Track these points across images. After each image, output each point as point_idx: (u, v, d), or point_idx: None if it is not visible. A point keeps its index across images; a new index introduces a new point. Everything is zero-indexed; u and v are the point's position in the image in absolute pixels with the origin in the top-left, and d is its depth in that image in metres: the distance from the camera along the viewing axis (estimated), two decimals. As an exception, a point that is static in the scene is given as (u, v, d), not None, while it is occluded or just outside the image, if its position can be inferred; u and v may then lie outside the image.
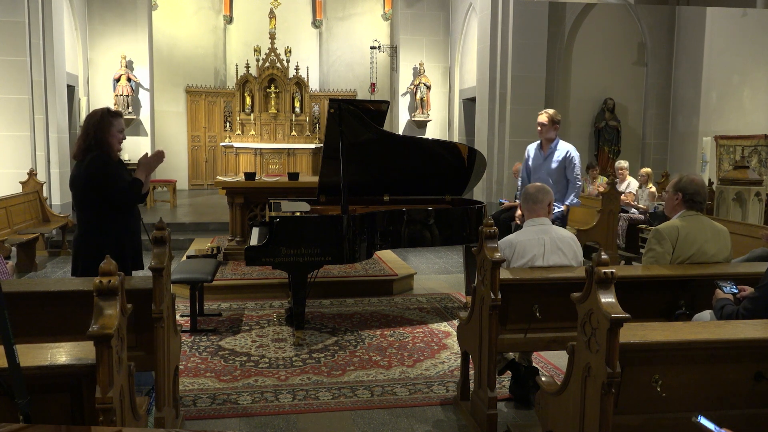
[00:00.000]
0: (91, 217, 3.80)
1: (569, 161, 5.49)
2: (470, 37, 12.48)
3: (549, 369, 4.45)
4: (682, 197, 3.66)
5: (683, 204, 3.67)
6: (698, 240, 3.62)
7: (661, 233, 3.64)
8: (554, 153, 5.54)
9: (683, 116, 11.54)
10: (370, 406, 3.83)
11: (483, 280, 3.45)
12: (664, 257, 3.60)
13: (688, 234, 3.61)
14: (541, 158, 5.60)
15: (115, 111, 3.95)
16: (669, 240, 3.59)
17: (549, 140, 5.56)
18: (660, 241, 3.61)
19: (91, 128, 3.79)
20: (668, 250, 3.59)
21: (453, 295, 6.53)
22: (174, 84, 14.27)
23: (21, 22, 9.10)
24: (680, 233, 3.60)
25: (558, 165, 5.50)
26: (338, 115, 5.14)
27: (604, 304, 2.33)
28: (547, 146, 5.58)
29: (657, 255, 3.62)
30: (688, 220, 3.64)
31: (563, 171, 5.52)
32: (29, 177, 8.60)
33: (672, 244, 3.59)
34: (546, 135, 5.55)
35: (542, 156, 5.61)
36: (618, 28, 11.78)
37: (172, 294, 3.31)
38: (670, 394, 2.48)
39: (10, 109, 9.15)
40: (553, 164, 5.51)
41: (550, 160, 5.54)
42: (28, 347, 2.34)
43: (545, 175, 5.49)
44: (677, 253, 3.60)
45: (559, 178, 5.51)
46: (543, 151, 5.62)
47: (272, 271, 6.15)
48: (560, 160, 5.50)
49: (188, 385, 4.10)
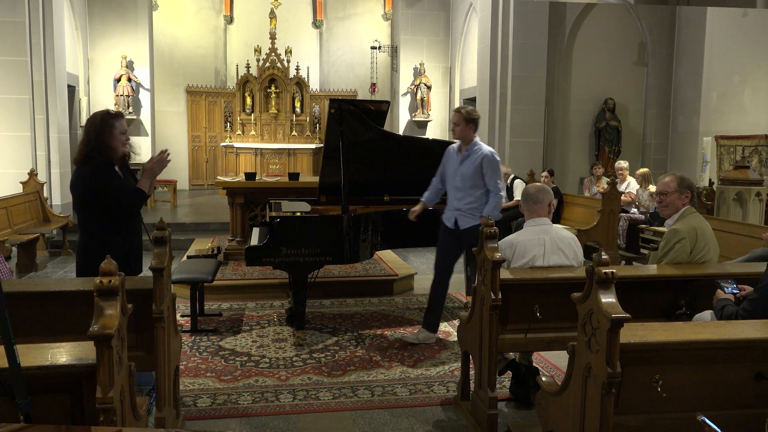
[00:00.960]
0: (93, 223, 3.73)
1: (487, 166, 4.74)
2: (471, 37, 12.49)
3: (549, 369, 4.45)
4: (692, 193, 3.65)
5: (688, 200, 3.64)
6: (707, 238, 3.63)
7: (681, 233, 3.58)
8: (471, 156, 4.80)
9: (684, 116, 11.54)
10: (370, 406, 3.84)
11: (483, 280, 3.45)
12: (682, 257, 3.58)
13: (702, 233, 3.61)
14: (458, 161, 4.87)
15: (115, 112, 3.86)
16: (689, 239, 3.57)
17: (467, 141, 4.84)
18: (681, 240, 3.57)
19: (91, 133, 3.69)
20: (687, 250, 3.57)
21: (453, 295, 6.52)
22: (174, 84, 14.28)
23: (21, 22, 9.10)
24: (698, 233, 3.59)
25: (474, 171, 4.76)
26: (339, 115, 5.14)
27: (604, 304, 2.33)
28: (465, 148, 4.86)
29: (676, 255, 3.59)
30: (694, 218, 3.64)
31: (481, 177, 4.78)
32: (30, 177, 8.60)
33: (691, 245, 3.57)
34: (460, 135, 4.84)
35: (459, 159, 4.87)
36: (618, 28, 11.78)
37: (173, 294, 3.31)
38: (671, 394, 2.48)
39: (10, 109, 9.15)
40: (469, 169, 4.78)
41: (467, 165, 4.80)
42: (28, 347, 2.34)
43: (460, 181, 4.81)
44: (694, 253, 3.58)
45: (477, 184, 4.79)
46: (460, 154, 4.88)
47: (273, 271, 6.15)
48: (477, 165, 4.77)
49: (189, 385, 4.10)
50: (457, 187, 4.85)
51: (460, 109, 4.90)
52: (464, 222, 4.81)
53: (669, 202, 3.69)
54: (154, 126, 12.96)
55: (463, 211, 4.81)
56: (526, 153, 10.60)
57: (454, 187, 4.88)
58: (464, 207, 4.81)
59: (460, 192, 4.83)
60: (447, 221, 4.93)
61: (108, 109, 4.11)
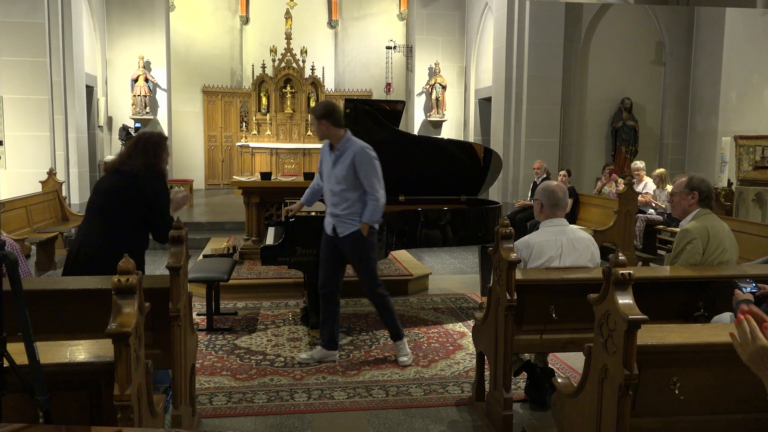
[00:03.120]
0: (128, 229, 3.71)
1: (359, 164, 4.25)
2: (486, 36, 12.44)
3: (565, 370, 4.43)
4: (699, 196, 3.62)
5: (698, 203, 3.63)
6: (721, 238, 3.59)
7: (692, 233, 3.56)
8: (343, 155, 4.33)
9: (702, 116, 11.41)
10: (385, 406, 3.84)
11: (499, 280, 3.44)
12: (695, 257, 3.55)
13: (715, 233, 3.57)
14: (331, 162, 4.39)
15: (166, 137, 4.08)
16: (700, 240, 3.54)
17: (336, 139, 4.36)
18: (692, 240, 3.55)
19: (150, 149, 3.78)
20: (699, 250, 3.54)
21: (468, 296, 6.51)
22: (191, 84, 14.37)
23: (41, 23, 9.21)
24: (710, 233, 3.56)
25: (347, 171, 4.28)
26: (354, 115, 5.15)
27: (621, 305, 2.32)
28: (336, 147, 4.39)
29: (688, 256, 3.56)
30: (708, 219, 3.60)
31: (356, 178, 4.30)
32: (49, 176, 8.70)
33: (703, 245, 3.54)
34: (321, 135, 4.41)
35: (332, 159, 4.39)
36: (636, 27, 11.68)
37: (189, 293, 3.34)
38: (689, 396, 2.45)
39: (30, 109, 9.27)
40: (342, 170, 4.31)
41: (339, 166, 4.33)
42: (47, 345, 2.37)
43: (335, 184, 4.35)
44: (707, 254, 3.55)
45: (352, 186, 4.31)
46: (333, 153, 4.41)
47: (288, 271, 6.16)
48: (348, 165, 4.27)
49: (204, 383, 4.13)
50: (332, 191, 4.39)
51: (316, 106, 4.48)
52: (343, 229, 4.38)
53: (676, 203, 3.73)
54: (171, 126, 13.06)
55: (341, 217, 4.38)
56: (542, 153, 10.53)
57: (330, 191, 4.42)
58: (341, 213, 4.37)
59: (336, 197, 4.38)
60: (326, 227, 4.51)
61: (162, 133, 4.20)
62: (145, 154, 3.78)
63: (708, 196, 3.62)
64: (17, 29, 9.12)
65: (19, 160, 9.23)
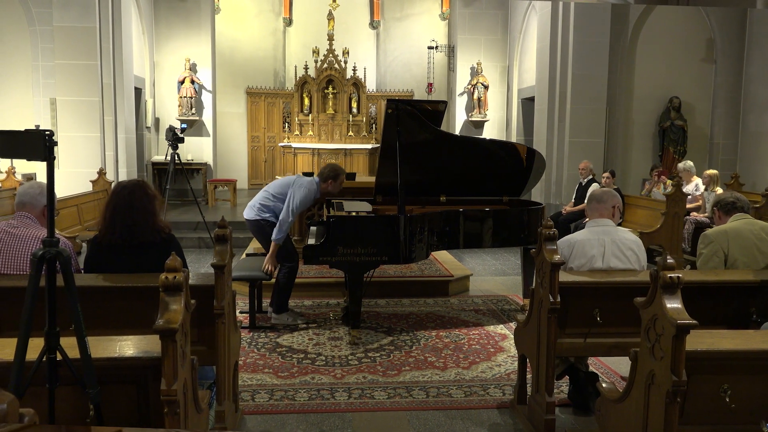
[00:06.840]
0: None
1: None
2: (530, 35, 12.29)
3: (609, 375, 4.34)
4: (720, 210, 3.84)
5: (726, 215, 3.81)
6: (749, 238, 3.61)
7: (708, 237, 3.71)
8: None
9: (755, 115, 11.03)
10: (425, 407, 3.83)
11: (542, 282, 3.39)
12: (713, 260, 3.63)
13: (738, 234, 3.62)
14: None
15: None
16: (717, 243, 3.63)
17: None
18: (708, 244, 3.67)
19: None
20: (716, 251, 3.62)
21: (510, 298, 6.44)
22: (235, 86, 14.60)
23: (92, 27, 9.51)
24: (729, 234, 3.63)
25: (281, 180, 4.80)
26: (395, 116, 5.15)
27: (669, 309, 2.26)
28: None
29: (707, 259, 3.65)
30: (737, 221, 3.70)
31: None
32: (99, 176, 8.96)
33: (723, 248, 3.62)
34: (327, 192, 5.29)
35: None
36: (685, 24, 11.37)
37: (233, 291, 3.39)
38: (740, 405, 2.38)
39: (81, 111, 9.58)
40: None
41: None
42: (98, 339, 2.44)
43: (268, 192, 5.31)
44: (733, 255, 3.60)
45: (281, 196, 5.07)
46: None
47: (329, 270, 6.20)
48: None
49: (247, 380, 4.19)
50: (261, 197, 5.56)
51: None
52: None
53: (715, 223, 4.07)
54: (216, 127, 13.29)
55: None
56: (587, 153, 10.34)
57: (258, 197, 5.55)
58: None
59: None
60: None
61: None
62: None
63: (732, 205, 3.79)
64: (70, 33, 9.43)
65: (71, 160, 9.53)
